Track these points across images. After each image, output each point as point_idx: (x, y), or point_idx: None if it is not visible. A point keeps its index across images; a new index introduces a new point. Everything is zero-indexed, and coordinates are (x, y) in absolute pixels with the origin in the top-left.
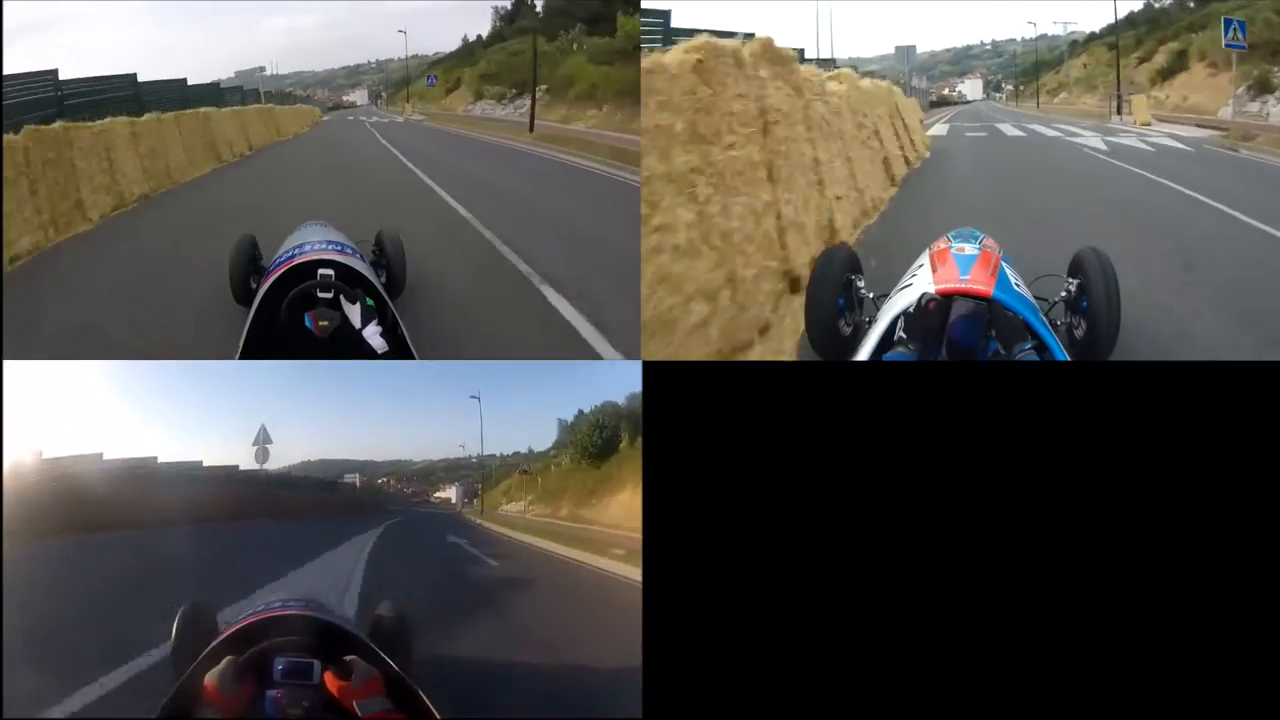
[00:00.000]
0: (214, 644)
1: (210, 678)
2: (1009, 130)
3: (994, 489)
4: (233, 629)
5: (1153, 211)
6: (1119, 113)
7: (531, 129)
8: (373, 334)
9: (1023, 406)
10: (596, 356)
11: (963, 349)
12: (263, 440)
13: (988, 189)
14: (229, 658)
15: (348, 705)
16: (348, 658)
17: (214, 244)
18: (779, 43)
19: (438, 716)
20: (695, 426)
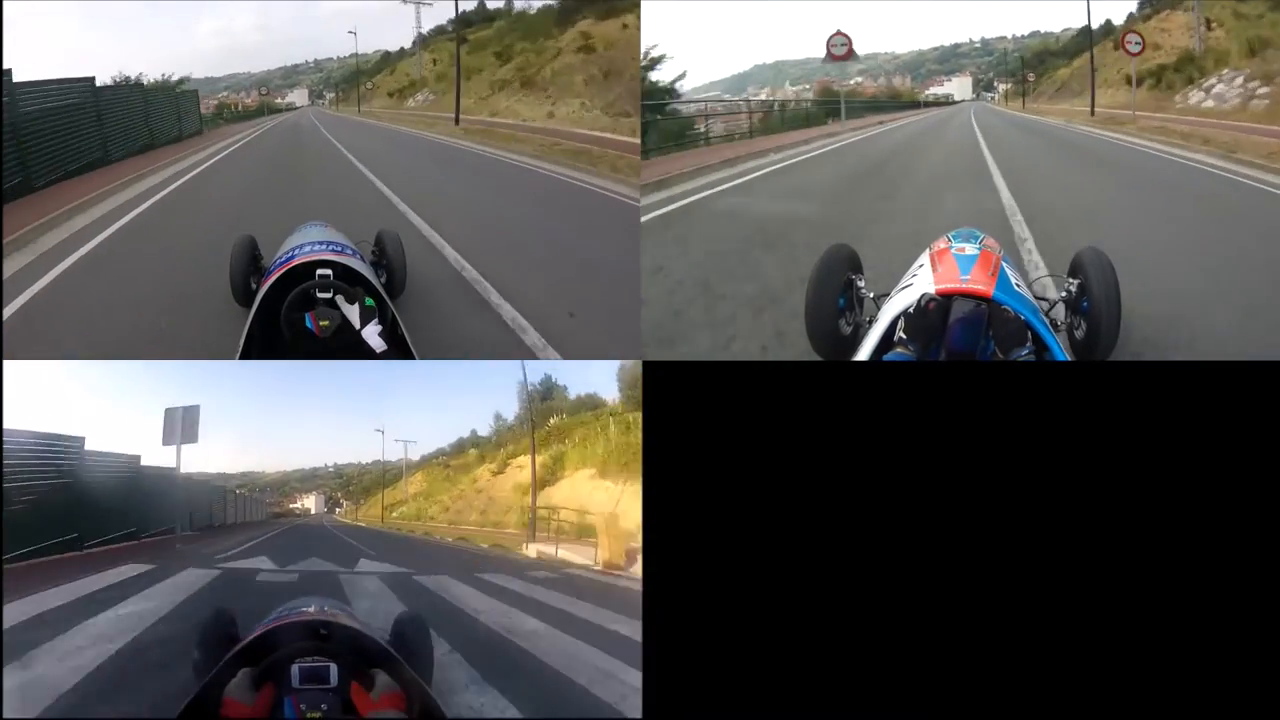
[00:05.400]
0: (233, 652)
1: (229, 690)
2: None
3: (994, 488)
4: (253, 636)
5: None
6: None
7: None
8: (371, 334)
9: (1022, 406)
10: None
11: (962, 349)
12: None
13: None
14: (245, 669)
15: (363, 714)
16: (373, 670)
17: None
18: None
19: None
20: (695, 426)
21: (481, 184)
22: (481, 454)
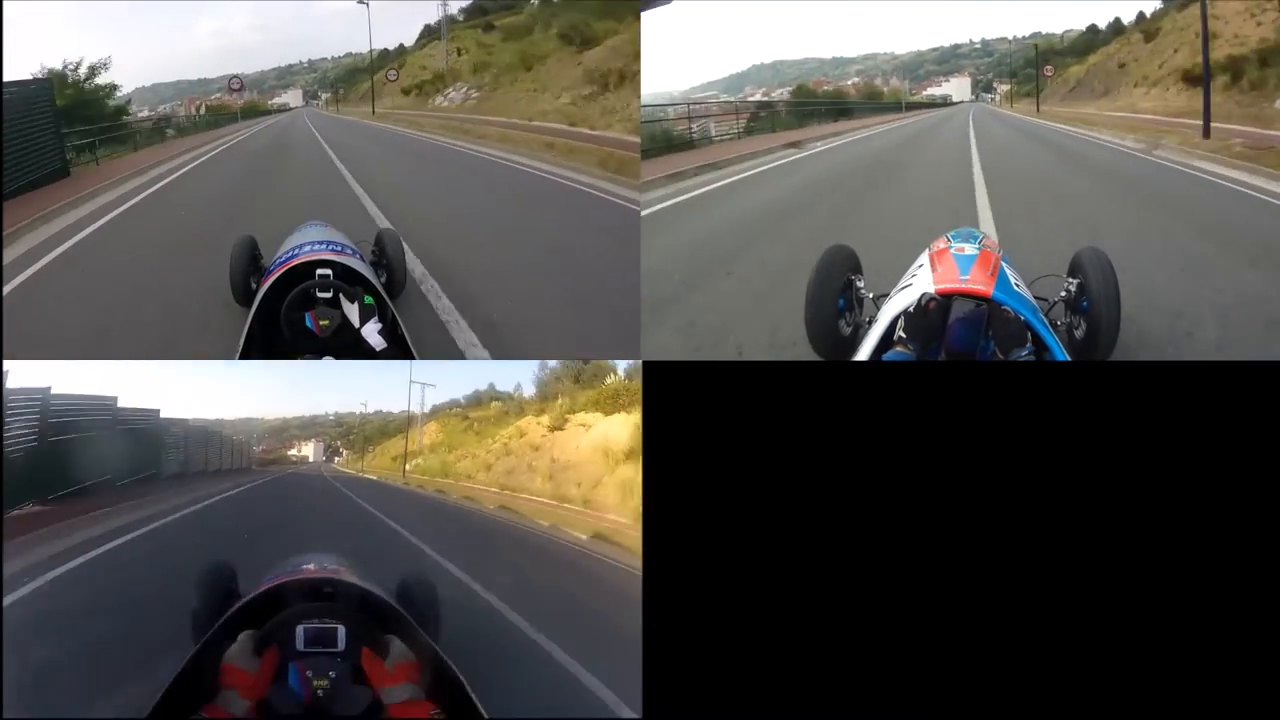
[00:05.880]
0: (230, 612)
1: (229, 656)
2: None
3: (993, 488)
4: (255, 593)
5: None
6: None
7: None
8: (371, 332)
9: (1022, 406)
10: None
11: (962, 349)
12: None
13: None
14: (246, 632)
15: (375, 687)
16: (386, 636)
17: None
18: None
19: (476, 702)
20: (695, 426)
21: None
22: (505, 406)
